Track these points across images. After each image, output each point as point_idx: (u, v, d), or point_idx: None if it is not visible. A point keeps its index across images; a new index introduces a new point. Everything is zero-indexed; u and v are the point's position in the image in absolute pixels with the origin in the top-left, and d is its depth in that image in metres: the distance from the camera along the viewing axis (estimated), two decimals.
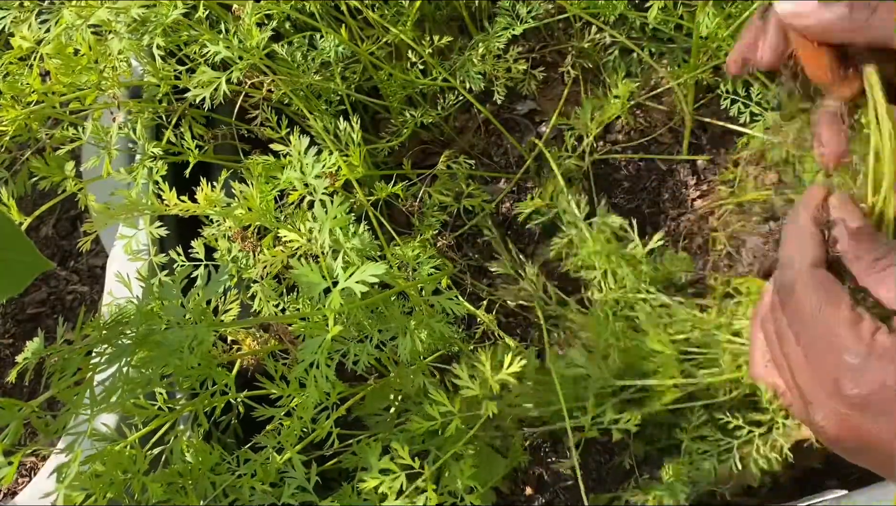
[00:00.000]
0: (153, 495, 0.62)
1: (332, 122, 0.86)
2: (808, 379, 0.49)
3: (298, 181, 0.70)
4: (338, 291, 0.56)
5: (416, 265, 0.76)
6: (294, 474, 0.67)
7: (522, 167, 0.99)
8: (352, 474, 0.70)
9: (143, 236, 0.82)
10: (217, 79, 0.77)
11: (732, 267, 0.91)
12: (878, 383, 0.44)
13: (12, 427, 0.53)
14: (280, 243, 0.75)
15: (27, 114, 0.75)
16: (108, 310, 0.66)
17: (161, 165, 0.82)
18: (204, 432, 0.72)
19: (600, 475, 0.89)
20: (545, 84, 1.04)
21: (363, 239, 0.64)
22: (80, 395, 0.56)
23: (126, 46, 0.75)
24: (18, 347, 1.06)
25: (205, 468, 0.67)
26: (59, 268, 1.11)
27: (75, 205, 1.12)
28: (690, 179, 0.97)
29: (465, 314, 0.95)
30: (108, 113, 0.84)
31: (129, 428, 0.69)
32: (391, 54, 0.99)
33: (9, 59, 0.75)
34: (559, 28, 1.04)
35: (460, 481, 0.69)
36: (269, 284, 0.78)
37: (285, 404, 0.69)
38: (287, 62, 0.91)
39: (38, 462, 0.96)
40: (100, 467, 0.62)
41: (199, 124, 0.88)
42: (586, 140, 0.96)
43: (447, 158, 0.94)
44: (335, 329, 0.57)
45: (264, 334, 0.78)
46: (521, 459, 0.85)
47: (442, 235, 0.96)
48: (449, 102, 0.97)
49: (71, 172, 0.79)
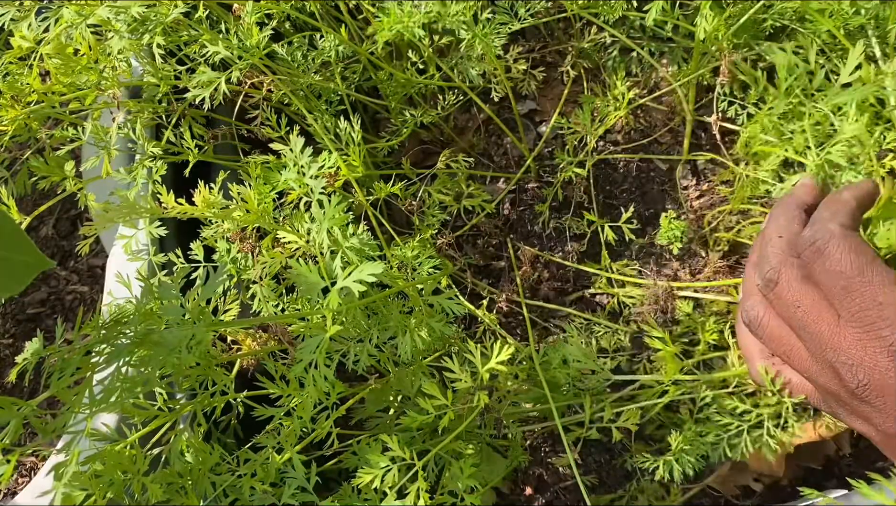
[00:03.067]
0: (153, 496, 0.62)
1: (332, 121, 0.86)
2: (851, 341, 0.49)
3: (296, 182, 0.70)
4: (336, 290, 0.56)
5: (416, 265, 0.76)
6: (294, 474, 0.67)
7: (522, 167, 0.99)
8: (352, 473, 0.70)
9: (143, 236, 0.82)
10: (217, 79, 0.77)
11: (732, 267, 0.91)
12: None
13: (11, 426, 0.53)
14: (279, 244, 0.75)
15: (27, 114, 0.75)
16: (108, 310, 0.66)
17: (161, 164, 0.82)
18: (204, 432, 0.72)
19: (600, 475, 0.89)
20: (545, 84, 1.04)
21: (362, 239, 0.64)
22: (79, 394, 0.56)
23: (126, 46, 0.75)
24: (18, 347, 1.06)
25: (205, 468, 0.67)
26: (59, 268, 1.11)
27: (75, 205, 1.12)
28: (690, 179, 0.97)
29: (466, 313, 0.95)
30: (108, 113, 0.84)
31: (129, 428, 0.69)
32: (391, 54, 0.99)
33: (9, 59, 0.75)
34: (559, 28, 1.04)
35: (460, 480, 0.69)
36: (269, 284, 0.78)
37: (285, 404, 0.69)
38: (287, 62, 0.91)
39: (38, 462, 0.96)
40: (99, 467, 0.62)
41: (199, 124, 0.88)
42: (587, 141, 0.96)
43: (447, 158, 0.94)
44: (333, 329, 0.57)
45: (264, 335, 0.78)
46: (522, 459, 0.85)
47: (442, 235, 0.96)
48: (449, 102, 0.97)
49: (71, 172, 0.79)
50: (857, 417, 0.54)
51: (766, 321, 0.58)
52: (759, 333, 0.60)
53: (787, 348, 0.57)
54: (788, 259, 0.56)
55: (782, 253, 0.56)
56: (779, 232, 0.58)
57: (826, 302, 0.52)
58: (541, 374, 0.75)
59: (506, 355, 0.66)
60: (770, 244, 0.58)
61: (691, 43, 0.93)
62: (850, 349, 0.50)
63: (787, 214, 0.59)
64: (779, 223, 0.59)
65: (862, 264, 0.49)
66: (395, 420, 0.79)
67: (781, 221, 0.59)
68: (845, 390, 0.51)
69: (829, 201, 0.56)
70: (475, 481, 0.69)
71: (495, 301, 0.96)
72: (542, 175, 1.01)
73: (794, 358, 0.57)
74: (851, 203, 0.55)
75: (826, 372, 0.53)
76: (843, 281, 0.50)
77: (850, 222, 0.53)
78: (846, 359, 0.50)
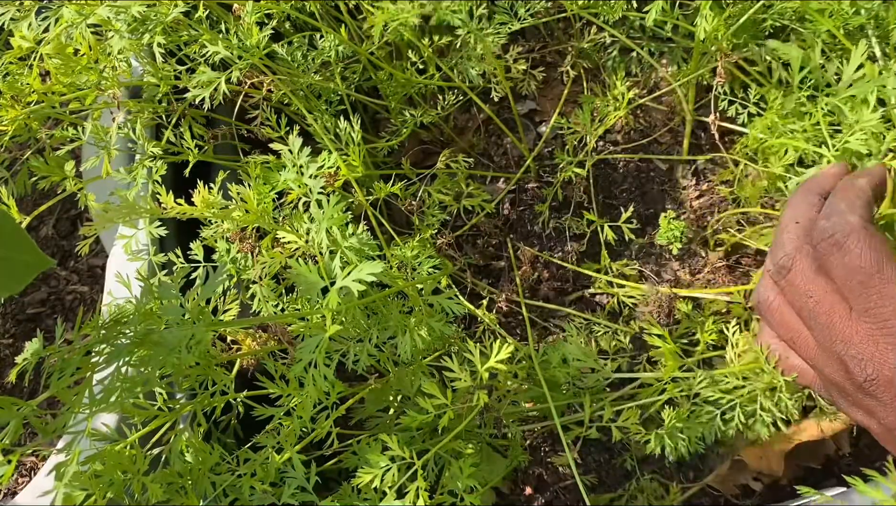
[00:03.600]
0: (153, 495, 0.62)
1: (332, 121, 0.86)
2: (862, 335, 0.49)
3: (295, 181, 0.70)
4: (335, 290, 0.56)
5: (416, 265, 0.76)
6: (294, 474, 0.67)
7: (522, 167, 0.99)
8: (352, 473, 0.70)
9: (143, 236, 0.82)
10: (217, 79, 0.78)
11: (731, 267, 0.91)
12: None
13: (12, 426, 0.53)
14: (278, 244, 0.75)
15: (27, 114, 0.75)
16: (108, 310, 0.66)
17: (160, 164, 0.83)
18: (204, 432, 0.72)
19: (600, 475, 0.89)
20: (545, 84, 1.04)
21: (361, 238, 0.64)
22: (79, 394, 0.56)
23: (126, 46, 0.75)
24: (18, 347, 1.06)
25: (205, 468, 0.67)
26: (59, 268, 1.11)
27: (75, 205, 1.12)
28: (690, 179, 0.97)
29: (466, 313, 0.95)
30: (108, 113, 0.84)
31: (129, 428, 0.69)
32: (391, 54, 0.99)
33: (9, 59, 0.75)
34: (559, 28, 1.04)
35: (460, 480, 0.69)
36: (268, 284, 0.78)
37: (285, 404, 0.69)
38: (287, 62, 0.91)
39: (38, 462, 0.96)
40: (99, 467, 0.62)
41: (199, 124, 0.88)
42: (587, 141, 0.96)
43: (447, 158, 0.94)
44: (333, 328, 0.57)
45: (263, 335, 0.78)
46: (521, 458, 0.85)
47: (442, 235, 0.96)
48: (449, 102, 0.97)
49: (71, 172, 0.79)
50: (859, 408, 0.54)
51: (777, 306, 0.58)
52: (767, 318, 0.60)
53: (794, 335, 0.57)
54: (804, 247, 0.55)
55: (798, 239, 0.56)
56: (796, 218, 0.57)
57: (839, 295, 0.52)
58: (540, 373, 0.75)
59: (505, 354, 0.66)
60: (786, 230, 0.57)
61: (691, 43, 0.93)
62: (861, 344, 0.49)
63: (806, 200, 0.58)
64: (797, 210, 0.58)
65: (881, 261, 0.49)
66: (394, 420, 0.79)
67: (801, 208, 0.58)
68: (851, 382, 0.51)
69: (845, 188, 0.55)
70: (475, 480, 0.69)
71: (495, 301, 0.96)
72: (541, 175, 1.01)
73: (801, 345, 0.57)
74: (867, 192, 0.54)
75: (833, 363, 0.53)
76: (860, 276, 0.49)
77: (868, 214, 0.52)
78: (856, 353, 0.50)
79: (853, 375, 0.51)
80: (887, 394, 0.49)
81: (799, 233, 0.56)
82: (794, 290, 0.55)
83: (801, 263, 0.55)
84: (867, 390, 0.51)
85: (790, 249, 0.56)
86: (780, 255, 0.56)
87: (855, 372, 0.50)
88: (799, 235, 0.56)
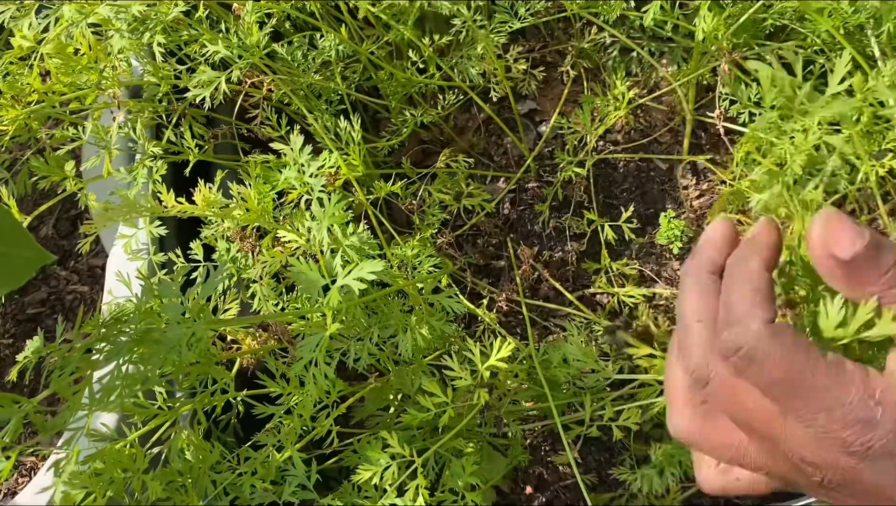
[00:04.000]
0: (153, 494, 0.62)
1: (332, 121, 0.86)
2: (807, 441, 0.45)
3: (296, 180, 0.70)
4: (336, 288, 0.56)
5: (416, 264, 0.76)
6: (294, 472, 0.67)
7: (522, 167, 0.99)
8: (352, 471, 0.70)
9: (143, 236, 0.82)
10: (217, 78, 0.78)
11: None
12: (888, 428, 0.41)
13: (12, 424, 0.53)
14: (279, 243, 0.75)
15: (27, 114, 0.75)
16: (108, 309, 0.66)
17: (161, 164, 0.83)
18: (204, 431, 0.72)
19: (600, 474, 0.89)
20: (545, 84, 1.04)
21: (362, 237, 0.64)
22: (79, 392, 0.56)
23: (126, 45, 0.75)
24: (18, 347, 1.06)
25: (205, 467, 0.67)
26: (59, 268, 1.11)
27: (75, 205, 1.12)
28: (690, 178, 0.97)
29: (466, 312, 0.95)
30: (108, 112, 0.84)
31: (129, 427, 0.69)
32: (391, 54, 0.99)
33: (9, 59, 0.75)
34: (559, 28, 1.04)
35: (461, 478, 0.69)
36: (269, 283, 0.78)
37: (285, 403, 0.69)
38: (287, 61, 0.91)
39: (38, 462, 0.96)
40: (99, 466, 0.62)
41: (199, 124, 0.88)
42: (587, 141, 0.96)
43: (447, 158, 0.94)
44: (333, 327, 0.57)
45: (264, 333, 0.78)
46: (522, 457, 0.85)
47: (442, 234, 0.96)
48: (449, 102, 0.97)
49: (71, 172, 0.79)
50: (827, 498, 0.50)
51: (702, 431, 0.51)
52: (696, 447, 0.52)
53: (734, 453, 0.51)
54: (712, 357, 0.48)
55: (706, 344, 0.49)
56: (696, 315, 0.50)
57: (770, 402, 0.46)
58: (540, 372, 0.75)
59: (506, 352, 0.66)
60: (690, 332, 0.50)
61: (691, 43, 0.93)
62: (807, 449, 0.45)
63: (699, 285, 0.51)
64: (692, 300, 0.51)
65: (801, 362, 0.43)
66: (395, 418, 0.79)
67: (696, 298, 0.51)
68: (809, 484, 0.48)
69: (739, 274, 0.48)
70: (476, 478, 0.69)
71: (495, 300, 0.96)
72: (542, 175, 1.01)
73: (748, 461, 0.50)
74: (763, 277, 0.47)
75: (785, 467, 0.49)
76: (784, 386, 0.44)
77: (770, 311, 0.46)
78: (808, 458, 0.46)
79: (811, 478, 0.47)
80: (850, 488, 0.46)
81: (705, 336, 0.49)
82: (721, 399, 0.48)
83: (718, 375, 0.48)
84: (831, 488, 0.47)
85: (700, 359, 0.48)
86: (690, 366, 0.49)
87: (812, 475, 0.47)
88: (706, 339, 0.49)
